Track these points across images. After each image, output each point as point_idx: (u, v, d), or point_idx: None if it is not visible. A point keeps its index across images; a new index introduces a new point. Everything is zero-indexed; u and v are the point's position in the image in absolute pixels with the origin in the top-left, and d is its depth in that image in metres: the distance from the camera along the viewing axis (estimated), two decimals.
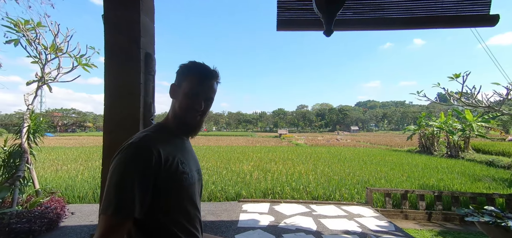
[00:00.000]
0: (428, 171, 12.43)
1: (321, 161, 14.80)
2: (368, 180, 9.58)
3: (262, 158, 15.62)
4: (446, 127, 22.13)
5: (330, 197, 7.51)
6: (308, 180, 9.32)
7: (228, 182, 8.67)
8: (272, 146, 30.69)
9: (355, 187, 8.38)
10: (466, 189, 8.78)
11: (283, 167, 11.99)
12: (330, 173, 10.67)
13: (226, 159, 14.68)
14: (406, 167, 13.64)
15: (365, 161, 15.41)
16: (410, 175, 11.18)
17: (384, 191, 6.30)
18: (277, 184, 8.47)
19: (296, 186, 8.22)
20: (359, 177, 10.15)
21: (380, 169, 12.25)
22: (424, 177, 10.77)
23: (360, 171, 11.50)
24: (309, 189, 8.09)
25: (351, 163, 14.19)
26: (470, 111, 22.11)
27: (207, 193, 7.60)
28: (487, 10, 4.06)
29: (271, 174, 10.08)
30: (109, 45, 2.65)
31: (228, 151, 20.39)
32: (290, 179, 9.27)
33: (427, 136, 24.28)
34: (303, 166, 12.47)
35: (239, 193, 7.57)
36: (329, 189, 7.99)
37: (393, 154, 21.52)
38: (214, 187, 7.93)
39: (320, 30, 3.89)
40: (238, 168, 11.64)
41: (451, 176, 11.18)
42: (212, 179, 9.17)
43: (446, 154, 21.15)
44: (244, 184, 8.54)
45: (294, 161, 14.31)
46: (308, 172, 10.78)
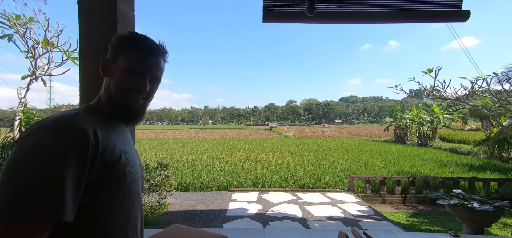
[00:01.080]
0: (402, 158, 12.50)
1: (308, 151, 14.69)
2: (350, 168, 9.49)
3: (254, 149, 15.41)
4: (417, 119, 22.73)
5: (315, 185, 7.37)
6: (295, 169, 9.16)
7: (220, 172, 8.44)
8: (263, 138, 30.53)
9: (338, 174, 8.26)
10: (435, 173, 8.87)
11: (272, 158, 11.81)
12: (316, 162, 10.56)
13: (219, 151, 14.42)
14: (384, 155, 13.67)
15: (347, 151, 15.40)
16: (387, 162, 11.21)
17: (365, 178, 6.19)
18: (267, 173, 8.28)
19: (284, 175, 8.04)
20: (342, 165, 10.07)
21: (361, 158, 12.22)
22: (399, 164, 10.81)
23: (343, 160, 11.42)
24: (296, 177, 7.92)
25: (335, 153, 14.13)
26: (437, 104, 22.82)
27: (199, 183, 7.34)
28: (459, 6, 3.94)
29: (261, 164, 9.89)
30: (84, 32, 2.35)
31: (221, 143, 20.12)
32: (279, 169, 9.09)
33: (401, 127, 24.81)
34: (291, 156, 12.33)
35: (230, 183, 7.35)
36: (315, 177, 7.84)
37: (372, 144, 21.67)
38: (206, 177, 7.68)
39: (307, 22, 3.66)
40: (230, 158, 11.41)
41: (422, 163, 11.29)
42: (205, 169, 8.91)
43: (417, 143, 21.92)
44: (235, 174, 8.32)
45: (283, 152, 14.16)
46: (296, 162, 10.63)
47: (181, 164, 9.87)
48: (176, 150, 14.89)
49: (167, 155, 12.71)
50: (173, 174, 7.64)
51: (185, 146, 17.22)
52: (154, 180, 4.44)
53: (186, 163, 10.15)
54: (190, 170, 8.70)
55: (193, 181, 7.37)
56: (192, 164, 10.10)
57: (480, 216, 3.68)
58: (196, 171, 8.57)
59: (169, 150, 15.14)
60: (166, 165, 4.87)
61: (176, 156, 12.37)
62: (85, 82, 2.34)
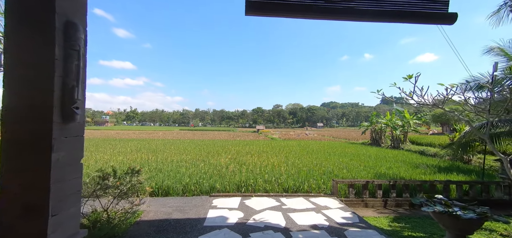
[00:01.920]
0: (379, 160, 12.33)
1: (292, 153, 14.26)
2: (333, 170, 9.10)
3: (240, 151, 14.79)
4: (391, 123, 23.16)
5: (299, 188, 6.88)
6: (280, 171, 8.64)
7: (203, 175, 7.77)
8: (250, 140, 29.93)
9: (321, 177, 7.82)
10: (410, 175, 8.67)
11: (258, 160, 11.25)
12: (299, 164, 10.10)
13: (205, 152, 13.68)
14: (362, 157, 13.48)
15: (329, 153, 15.11)
16: (366, 164, 10.95)
17: (348, 182, 5.75)
18: (251, 176, 7.70)
19: (269, 178, 7.50)
20: (325, 167, 9.67)
21: (342, 160, 11.91)
22: (377, 166, 10.58)
23: (325, 162, 11.05)
24: (280, 180, 7.39)
25: (318, 155, 13.78)
26: (406, 110, 23.57)
27: (181, 186, 6.66)
28: (446, 9, 3.60)
29: (246, 167, 9.29)
30: (11, 7, 1.71)
31: (209, 145, 19.33)
32: (263, 171, 8.54)
33: (376, 131, 25.11)
34: (276, 158, 11.82)
35: (213, 186, 6.71)
36: (298, 180, 7.34)
37: (351, 146, 21.62)
38: (189, 180, 6.99)
39: (291, 16, 3.16)
40: (216, 160, 10.74)
41: (397, 165, 11.15)
42: (189, 171, 8.21)
43: (391, 145, 22.48)
44: (219, 177, 7.68)
45: (269, 154, 13.64)
46: (280, 164, 10.13)
47: (165, 166, 9.10)
48: (163, 151, 14.00)
49: (152, 156, 11.84)
50: (151, 178, 6.89)
51: (172, 147, 16.32)
52: (123, 187, 3.75)
53: (170, 165, 9.38)
54: (173, 172, 7.98)
55: (175, 185, 6.66)
56: (177, 165, 9.35)
57: (465, 224, 3.46)
58: (179, 174, 7.85)
59: (156, 151, 14.22)
60: (138, 170, 4.17)
61: (162, 157, 11.53)
62: (10, 71, 1.71)
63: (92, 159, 10.34)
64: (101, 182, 3.53)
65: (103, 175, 3.62)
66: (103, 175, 3.61)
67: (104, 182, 3.55)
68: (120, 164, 9.35)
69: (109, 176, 3.69)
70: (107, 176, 3.67)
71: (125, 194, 3.68)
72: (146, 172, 8.03)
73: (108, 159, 10.66)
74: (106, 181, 3.59)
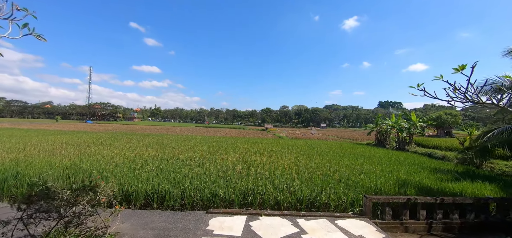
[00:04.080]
0: (393, 164, 10.31)
1: (302, 153, 12.47)
2: (350, 176, 7.29)
3: (248, 149, 13.14)
4: (397, 125, 20.96)
5: (316, 200, 5.17)
6: (291, 175, 6.95)
7: (207, 178, 6.18)
8: (259, 137, 28.27)
9: (339, 185, 6.07)
10: (432, 183, 6.69)
11: (267, 160, 9.58)
12: (312, 167, 8.34)
13: (214, 150, 12.13)
14: (374, 159, 11.51)
15: (338, 154, 13.20)
16: (381, 168, 9.02)
17: (385, 200, 3.97)
18: (259, 181, 6.05)
19: (280, 184, 5.82)
20: (340, 172, 7.89)
21: (355, 163, 10.03)
22: (394, 170, 8.64)
23: (338, 164, 9.23)
24: (293, 187, 5.71)
25: (328, 156, 11.92)
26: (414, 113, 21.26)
27: (180, 191, 5.10)
28: None
29: (254, 169, 7.65)
30: None
31: (219, 142, 17.81)
32: (274, 175, 6.87)
33: (382, 132, 22.82)
34: (286, 159, 10.10)
35: (215, 193, 5.12)
36: (314, 189, 5.63)
37: (357, 147, 19.50)
38: (189, 183, 5.42)
39: None
40: (224, 159, 9.16)
41: (414, 169, 9.19)
42: (192, 172, 6.65)
43: (396, 147, 20.38)
44: (224, 181, 6.09)
45: (278, 153, 11.92)
46: (291, 166, 8.42)
47: (169, 164, 7.60)
48: (172, 148, 12.58)
49: (160, 152, 10.42)
50: (148, 181, 5.27)
51: (182, 144, 14.90)
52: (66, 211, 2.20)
53: (175, 163, 7.88)
54: (175, 173, 6.44)
55: (172, 189, 5.12)
56: (181, 164, 7.84)
57: None
58: (181, 175, 6.32)
59: (165, 146, 12.83)
60: (93, 186, 2.61)
61: (169, 154, 10.08)
62: None
63: (99, 154, 9.01)
64: (26, 208, 1.99)
65: (29, 196, 2.07)
66: (28, 196, 2.07)
67: (33, 206, 2.00)
68: (123, 159, 7.94)
69: (43, 197, 2.14)
70: (42, 196, 2.12)
71: (69, 223, 2.13)
72: (148, 171, 6.55)
73: (116, 153, 9.31)
74: (41, 203, 2.04)
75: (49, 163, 6.10)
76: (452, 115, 42.21)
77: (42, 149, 9.16)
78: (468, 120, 65.89)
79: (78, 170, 5.64)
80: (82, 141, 13.59)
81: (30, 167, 5.55)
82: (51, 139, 13.70)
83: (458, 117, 42.59)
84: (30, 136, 15.43)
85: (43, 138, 14.04)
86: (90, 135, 19.83)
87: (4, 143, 10.87)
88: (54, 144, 11.00)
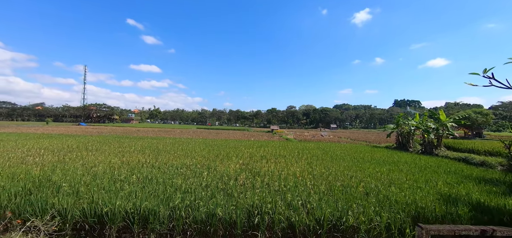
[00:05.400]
0: (425, 171, 9.27)
1: (314, 159, 11.56)
2: (377, 188, 6.38)
3: (253, 154, 12.32)
4: (422, 125, 19.67)
5: (341, 221, 4.30)
6: (306, 187, 6.09)
7: (203, 191, 5.38)
8: (264, 140, 27.46)
9: (368, 201, 5.18)
10: (484, 198, 5.64)
11: (275, 167, 8.73)
12: (329, 176, 7.45)
13: (214, 155, 11.34)
14: (401, 166, 10.51)
15: (357, 159, 12.25)
16: (414, 178, 8.03)
17: (449, 232, 3.04)
18: (268, 196, 5.21)
19: (293, 200, 4.97)
20: (364, 181, 6.99)
21: (379, 170, 9.07)
22: (430, 181, 7.63)
23: (359, 172, 8.32)
24: (311, 204, 4.86)
25: (346, 162, 10.99)
26: (443, 111, 19.95)
27: (168, 211, 4.31)
28: None
29: (261, 178, 6.81)
30: None
31: (220, 145, 17.05)
32: (284, 187, 6.02)
33: (403, 134, 21.62)
34: (297, 166, 9.23)
35: (212, 213, 4.31)
36: (337, 207, 4.76)
37: (376, 150, 18.42)
38: (180, 200, 4.62)
39: None
40: (225, 167, 8.36)
41: (455, 178, 8.16)
42: (186, 184, 5.86)
43: (421, 150, 19.11)
44: (224, 195, 5.28)
45: (287, 159, 11.05)
46: (304, 174, 7.56)
47: (160, 174, 6.84)
48: (168, 152, 11.86)
49: (153, 158, 9.69)
50: (129, 196, 4.37)
51: (180, 148, 14.18)
52: None
53: (167, 172, 7.12)
54: (164, 185, 5.67)
55: (158, 206, 4.33)
56: (175, 173, 7.07)
57: None
58: (172, 187, 5.54)
59: (160, 151, 12.13)
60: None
61: (163, 160, 9.34)
62: None
63: (79, 161, 8.33)
64: None
65: None
66: None
67: None
68: (106, 167, 7.22)
69: None
70: None
71: None
72: (133, 183, 5.80)
73: (100, 160, 8.63)
74: None
75: (13, 174, 5.41)
76: (483, 114, 40.31)
77: (13, 156, 8.55)
78: (499, 119, 63.28)
79: (46, 182, 4.92)
80: (66, 145, 13.02)
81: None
82: (29, 143, 13.19)
83: (489, 117, 40.65)
84: (8, 140, 15.00)
85: (22, 142, 13.54)
86: (78, 138, 19.38)
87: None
88: (30, 150, 10.41)
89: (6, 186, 4.39)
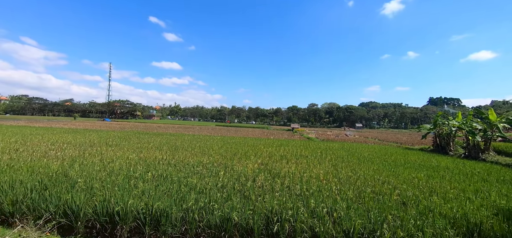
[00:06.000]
0: (473, 180, 8.13)
1: (339, 160, 10.89)
2: (416, 197, 5.69)
3: (273, 153, 11.95)
4: (467, 126, 17.64)
5: (374, 235, 3.80)
6: (331, 192, 5.60)
7: (218, 192, 5.15)
8: (285, 139, 26.92)
9: (406, 212, 4.59)
10: None
11: (296, 168, 8.30)
12: (357, 181, 6.86)
13: (232, 153, 11.17)
14: (441, 171, 9.47)
15: (388, 162, 11.33)
16: (460, 186, 7.09)
17: None
18: (288, 200, 4.85)
19: (317, 207, 4.55)
20: (398, 188, 6.31)
21: (415, 176, 8.22)
22: (480, 191, 6.67)
23: (392, 177, 7.58)
24: (337, 213, 4.40)
25: (374, 164, 10.19)
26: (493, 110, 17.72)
27: (181, 212, 4.14)
28: None
29: (280, 180, 6.45)
30: None
31: (238, 143, 16.91)
32: (307, 191, 5.60)
33: (442, 135, 19.66)
34: (320, 167, 8.71)
35: (227, 217, 4.05)
36: (369, 217, 4.25)
37: (410, 153, 17.04)
38: (193, 201, 4.43)
39: None
40: (243, 166, 8.12)
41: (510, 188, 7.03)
42: (201, 184, 5.69)
43: (464, 154, 17.02)
44: (241, 197, 5.02)
45: (309, 159, 10.53)
46: (328, 177, 7.04)
47: (175, 171, 6.79)
48: (185, 149, 11.95)
49: (169, 155, 9.77)
50: (141, 196, 4.27)
51: (197, 145, 14.27)
52: None
53: (182, 170, 7.05)
54: (179, 184, 5.55)
55: (170, 207, 4.18)
56: (190, 171, 6.98)
57: None
58: (187, 186, 5.41)
59: (177, 148, 12.26)
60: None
61: (179, 157, 9.36)
62: None
63: (98, 156, 8.62)
64: None
65: None
66: None
67: None
68: (123, 163, 7.34)
69: None
70: None
71: None
72: (147, 180, 5.77)
73: (118, 156, 8.86)
74: None
75: (33, 168, 5.64)
76: None
77: (37, 150, 9.09)
78: None
79: (62, 177, 5.03)
80: (88, 140, 13.73)
81: (4, 172, 5.09)
82: (54, 138, 14.11)
83: None
84: (36, 134, 16.22)
85: (48, 137, 14.53)
86: (100, 133, 20.48)
87: (1, 141, 11.21)
88: (54, 144, 11.08)
89: (24, 180, 4.53)
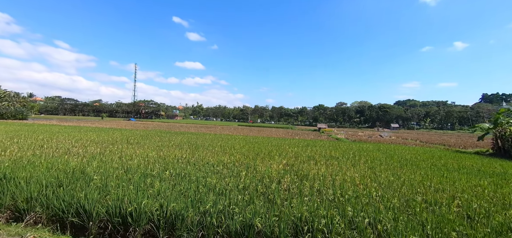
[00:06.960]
0: None
1: (376, 162, 9.96)
2: (484, 209, 4.77)
3: (299, 154, 11.36)
4: None
5: None
6: (371, 199, 4.94)
7: (239, 195, 4.79)
8: (311, 139, 25.95)
9: (475, 229, 3.79)
10: None
11: (326, 170, 7.66)
12: (402, 187, 6.03)
13: (254, 153, 10.80)
14: (508, 178, 8.11)
15: (437, 166, 10.10)
16: None
17: None
18: (321, 206, 4.32)
19: (356, 217, 3.95)
20: (459, 197, 5.39)
21: (477, 183, 7.09)
22: None
23: (446, 185, 6.59)
24: (382, 224, 3.78)
25: (421, 169, 9.11)
26: None
27: (198, 215, 3.85)
28: None
29: (309, 183, 5.91)
30: None
31: (262, 143, 16.53)
32: (341, 196, 5.00)
33: (506, 136, 17.29)
34: (354, 170, 7.95)
35: (249, 224, 3.66)
36: (424, 233, 3.56)
37: (463, 157, 15.19)
38: (212, 204, 4.11)
39: None
40: (266, 166, 7.70)
41: None
42: (221, 185, 5.39)
43: None
44: (265, 201, 4.60)
45: (340, 161, 9.77)
46: (366, 183, 6.32)
47: (194, 170, 6.60)
48: (205, 148, 11.88)
49: (189, 154, 9.71)
50: (157, 196, 4.07)
51: (219, 144, 14.18)
52: None
53: (202, 169, 6.85)
54: (197, 184, 5.31)
55: (186, 210, 3.91)
56: (210, 171, 6.75)
57: None
58: (205, 187, 5.14)
59: (198, 147, 12.25)
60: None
61: (199, 156, 9.24)
62: None
63: (117, 154, 8.82)
64: None
65: None
66: None
67: None
68: (142, 161, 7.36)
69: None
70: None
71: None
72: (164, 179, 5.63)
73: (138, 153, 9.00)
74: None
75: (51, 164, 5.82)
76: None
77: (61, 147, 9.58)
78: None
79: (79, 174, 5.07)
80: (111, 138, 14.37)
81: (24, 169, 5.27)
82: (79, 135, 15.00)
83: None
84: (63, 132, 17.44)
85: (73, 134, 15.52)
86: (124, 132, 21.51)
87: (29, 138, 12.10)
88: (78, 142, 11.70)
89: (40, 176, 4.60)
